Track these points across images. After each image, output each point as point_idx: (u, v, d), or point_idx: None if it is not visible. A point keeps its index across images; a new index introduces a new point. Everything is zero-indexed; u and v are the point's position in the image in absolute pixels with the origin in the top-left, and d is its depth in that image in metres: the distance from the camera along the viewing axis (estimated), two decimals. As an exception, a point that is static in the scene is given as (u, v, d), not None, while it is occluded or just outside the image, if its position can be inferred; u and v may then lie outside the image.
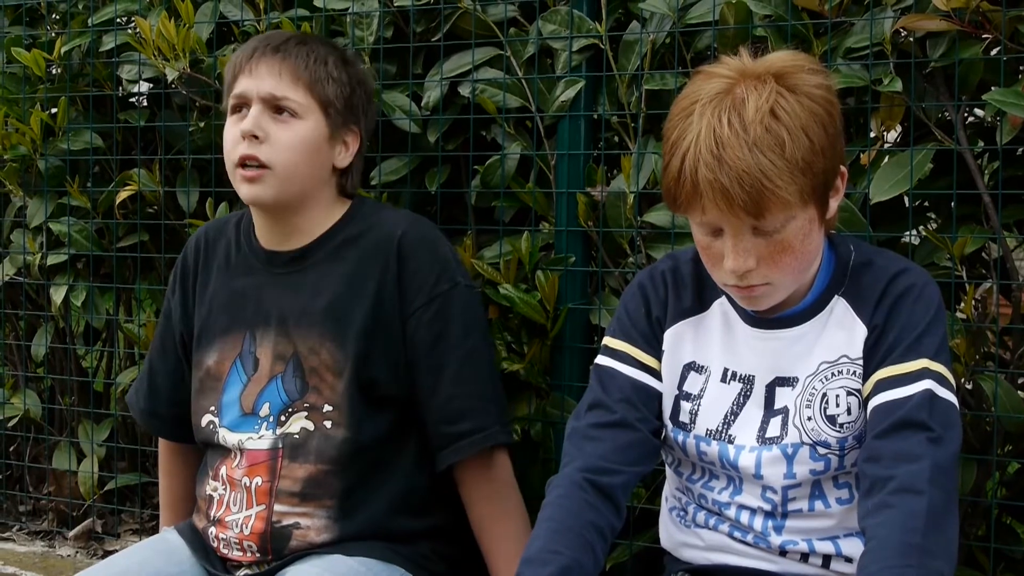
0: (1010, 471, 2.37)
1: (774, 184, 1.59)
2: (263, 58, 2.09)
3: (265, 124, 2.07)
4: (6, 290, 3.34)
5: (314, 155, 2.11)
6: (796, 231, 1.66)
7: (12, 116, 3.17)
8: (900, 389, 1.67)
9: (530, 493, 2.52)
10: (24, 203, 3.24)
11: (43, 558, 3.19)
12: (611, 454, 1.80)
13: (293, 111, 2.08)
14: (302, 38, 2.16)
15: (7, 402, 3.32)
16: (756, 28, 2.29)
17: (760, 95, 1.62)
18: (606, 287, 2.52)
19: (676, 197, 1.67)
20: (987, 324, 2.22)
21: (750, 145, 1.59)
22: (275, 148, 2.06)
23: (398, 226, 2.11)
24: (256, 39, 2.16)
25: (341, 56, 2.17)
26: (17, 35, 3.25)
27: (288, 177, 2.08)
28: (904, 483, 1.60)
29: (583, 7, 2.50)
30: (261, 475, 2.05)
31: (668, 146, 1.68)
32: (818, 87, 1.67)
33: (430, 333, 2.08)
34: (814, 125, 1.63)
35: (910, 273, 1.75)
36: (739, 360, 1.81)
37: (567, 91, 2.49)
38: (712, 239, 1.69)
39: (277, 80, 2.08)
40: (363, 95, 2.19)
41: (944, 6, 2.06)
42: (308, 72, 2.09)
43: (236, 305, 2.16)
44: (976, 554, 2.26)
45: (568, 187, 2.51)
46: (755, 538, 1.80)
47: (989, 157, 2.30)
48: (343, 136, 2.16)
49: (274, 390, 2.09)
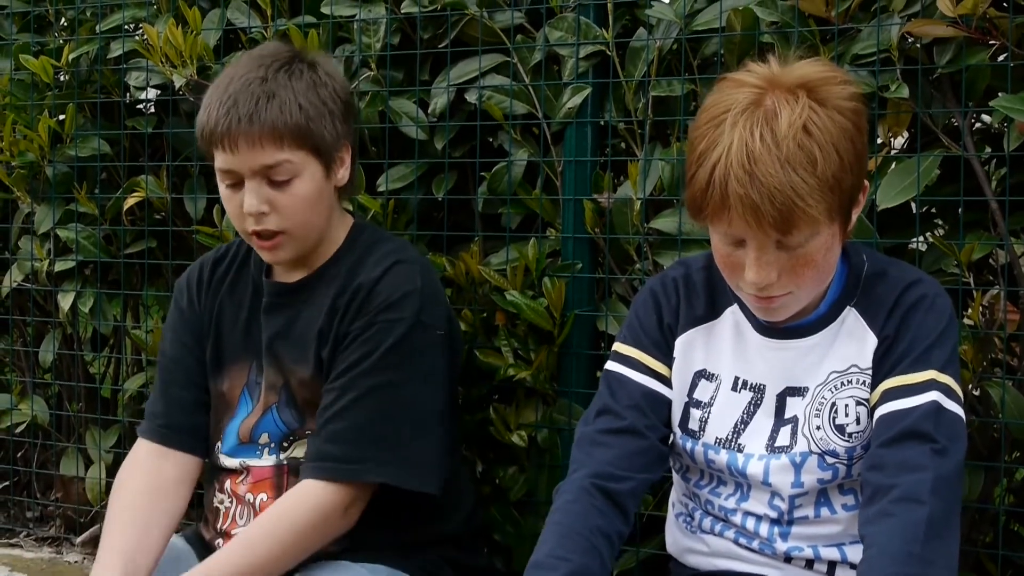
0: (1018, 477, 2.37)
1: (804, 202, 1.58)
2: (239, 131, 1.95)
3: (266, 195, 1.98)
4: (14, 296, 3.35)
5: (321, 201, 2.04)
6: (819, 246, 1.65)
7: (20, 123, 3.18)
8: (907, 399, 1.67)
9: (537, 499, 2.53)
10: (32, 210, 3.24)
11: (51, 564, 3.19)
12: (620, 460, 1.79)
13: (288, 172, 1.98)
14: (269, 89, 1.97)
15: (15, 408, 3.32)
16: (763, 35, 2.29)
17: (793, 110, 1.60)
18: (613, 294, 2.52)
19: (702, 207, 1.65)
20: (994, 331, 2.22)
21: (782, 161, 1.57)
22: (284, 215, 2.00)
23: (377, 267, 2.03)
24: (219, 100, 1.98)
25: (313, 80, 2.02)
26: (25, 42, 3.25)
27: (305, 235, 2.04)
28: (906, 492, 1.60)
29: (590, 14, 2.50)
30: (266, 491, 2.05)
31: (695, 155, 1.65)
32: (849, 98, 1.66)
33: (352, 355, 1.98)
34: (844, 141, 1.62)
35: (922, 284, 1.75)
36: (750, 369, 1.81)
37: (574, 98, 2.50)
38: (733, 249, 1.68)
39: (261, 151, 1.96)
40: (344, 106, 2.07)
41: (951, 12, 2.06)
42: (289, 127, 1.96)
43: (244, 334, 2.13)
44: (984, 561, 2.25)
45: (575, 194, 2.51)
46: (761, 544, 1.80)
47: (996, 163, 2.29)
48: (339, 160, 2.07)
49: (271, 420, 2.07)
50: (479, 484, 2.59)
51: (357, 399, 1.95)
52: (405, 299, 2.00)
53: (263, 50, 2.09)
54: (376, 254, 2.08)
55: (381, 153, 2.72)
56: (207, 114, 2.00)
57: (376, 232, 2.17)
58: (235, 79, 1.99)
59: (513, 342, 2.51)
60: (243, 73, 2.00)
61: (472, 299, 2.58)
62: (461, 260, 2.56)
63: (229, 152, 1.97)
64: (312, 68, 2.04)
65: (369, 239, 2.12)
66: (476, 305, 2.58)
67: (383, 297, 1.99)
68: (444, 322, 2.07)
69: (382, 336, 1.97)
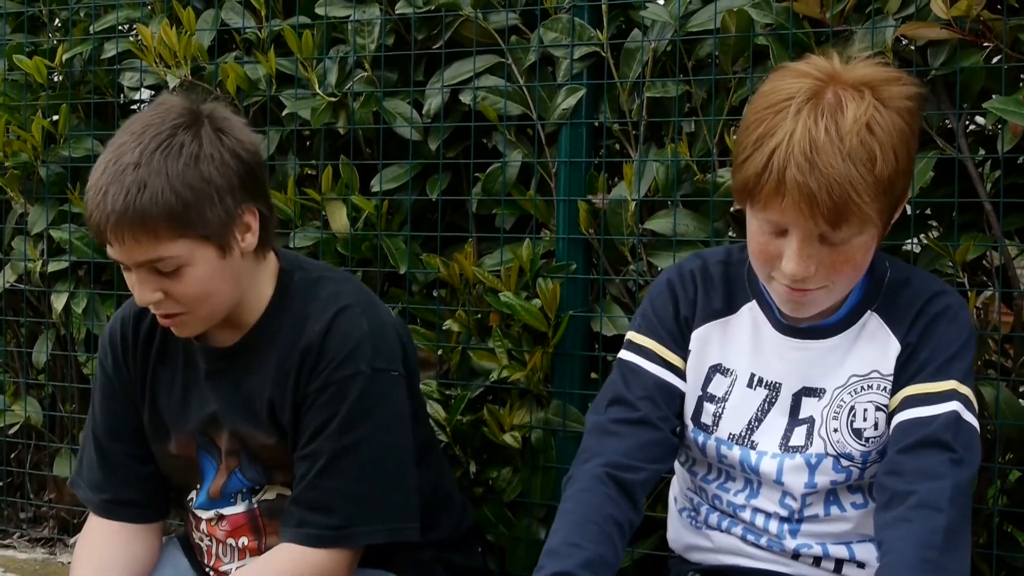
0: (1011, 479, 2.37)
1: (860, 199, 1.57)
2: (109, 227, 1.80)
3: (157, 285, 1.85)
4: (7, 297, 3.34)
5: (222, 279, 1.88)
6: (861, 245, 1.65)
7: (14, 123, 3.17)
8: (928, 407, 1.68)
9: (531, 500, 2.53)
10: (25, 210, 3.24)
11: (44, 565, 3.19)
12: (633, 451, 1.79)
13: (174, 263, 1.83)
14: (140, 178, 1.78)
15: (8, 409, 3.32)
16: (757, 36, 2.29)
17: (858, 106, 1.59)
18: (607, 295, 2.52)
19: (753, 192, 1.64)
20: (988, 332, 2.22)
21: (844, 155, 1.57)
22: (180, 299, 1.87)
23: (319, 321, 1.93)
24: (95, 186, 1.81)
25: (194, 154, 1.82)
26: (19, 42, 3.25)
27: (210, 312, 1.91)
28: (925, 499, 1.61)
29: (584, 15, 2.50)
30: (246, 535, 2.03)
31: (751, 139, 1.63)
32: (909, 98, 1.65)
33: (315, 419, 1.91)
34: (902, 144, 1.62)
35: (947, 295, 1.76)
36: (766, 366, 1.81)
37: (568, 99, 2.50)
38: (772, 238, 1.66)
39: (137, 246, 1.80)
40: (241, 171, 1.87)
41: (945, 15, 2.06)
42: (162, 221, 1.79)
43: (182, 402, 2.03)
44: (977, 562, 2.25)
45: (569, 195, 2.51)
46: (769, 541, 1.81)
47: (990, 165, 2.30)
48: (239, 230, 1.88)
49: (237, 481, 2.02)
50: (472, 485, 2.59)
51: (328, 464, 1.90)
52: (355, 351, 1.92)
53: (151, 116, 1.86)
54: (314, 303, 1.96)
55: (375, 154, 2.72)
56: (85, 199, 1.84)
57: (305, 271, 2.03)
58: (109, 164, 1.81)
59: (507, 343, 2.51)
60: (117, 156, 1.81)
61: (466, 300, 2.58)
62: (455, 261, 2.56)
63: (109, 244, 1.84)
64: (197, 137, 1.83)
65: (301, 284, 2.00)
66: (470, 306, 2.58)
67: (332, 354, 1.91)
68: (399, 357, 1.99)
69: (341, 396, 1.90)
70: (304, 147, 2.93)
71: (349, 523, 1.91)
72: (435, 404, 2.55)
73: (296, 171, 2.83)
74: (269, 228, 1.95)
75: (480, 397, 2.61)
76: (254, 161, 1.90)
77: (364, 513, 1.92)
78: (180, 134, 1.83)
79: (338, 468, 1.91)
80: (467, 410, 2.56)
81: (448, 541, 2.15)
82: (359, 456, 1.91)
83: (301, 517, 1.92)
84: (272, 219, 1.97)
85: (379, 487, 1.93)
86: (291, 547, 1.92)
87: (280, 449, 1.96)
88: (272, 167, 2.88)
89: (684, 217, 2.40)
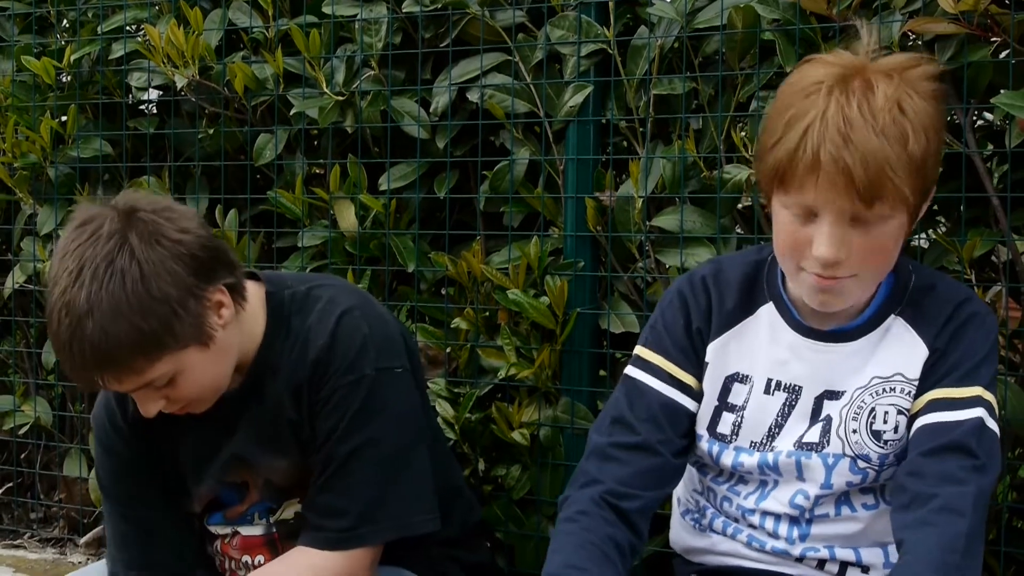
0: (1020, 474, 2.37)
1: (895, 174, 1.57)
2: (94, 376, 1.77)
3: (157, 396, 1.83)
4: (17, 298, 3.35)
5: (217, 362, 1.86)
6: (891, 232, 1.63)
7: (22, 124, 3.18)
8: (953, 412, 1.67)
9: (540, 498, 2.53)
10: (34, 211, 3.25)
11: (54, 565, 3.19)
12: (631, 479, 1.76)
13: (164, 379, 1.80)
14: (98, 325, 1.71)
15: (18, 410, 3.32)
16: (764, 32, 2.29)
17: (889, 86, 1.60)
18: (615, 292, 2.52)
19: (785, 173, 1.62)
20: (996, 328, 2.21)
21: (878, 131, 1.57)
22: (178, 400, 1.86)
23: (322, 333, 1.92)
24: (56, 339, 1.76)
25: (137, 276, 1.73)
26: (27, 43, 3.26)
27: (215, 390, 1.90)
28: (948, 503, 1.60)
29: (591, 12, 2.50)
30: (263, 555, 2.03)
31: (782, 122, 1.62)
32: (937, 91, 1.66)
33: (325, 425, 1.92)
34: (932, 128, 1.62)
35: (975, 302, 1.75)
36: (785, 370, 1.77)
37: (575, 96, 2.50)
38: (801, 225, 1.64)
39: (126, 383, 1.79)
40: (191, 268, 1.79)
41: (952, 9, 2.06)
42: (141, 353, 1.75)
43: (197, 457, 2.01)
44: (987, 558, 2.24)
45: (577, 192, 2.52)
46: (774, 547, 1.79)
47: (998, 160, 2.29)
48: (213, 316, 1.83)
49: (256, 508, 2.03)
50: (481, 483, 2.59)
51: (339, 467, 1.91)
52: (360, 356, 1.91)
53: (82, 247, 1.76)
54: (313, 316, 1.95)
55: (383, 152, 2.72)
56: (53, 347, 1.80)
57: (292, 288, 2.00)
58: (62, 316, 1.74)
59: (515, 340, 2.51)
60: (66, 305, 1.73)
61: (474, 298, 2.59)
62: (463, 259, 2.56)
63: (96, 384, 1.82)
64: (134, 257, 1.74)
65: (293, 303, 1.98)
66: (478, 304, 2.58)
67: (338, 362, 1.91)
68: (402, 352, 1.99)
69: (349, 400, 1.90)
70: (312, 146, 2.93)
71: (361, 523, 1.91)
72: (444, 402, 2.56)
73: (304, 170, 2.84)
74: (239, 285, 1.89)
75: (489, 395, 2.61)
76: (198, 247, 1.81)
77: (375, 512, 1.92)
78: (117, 260, 1.74)
79: (349, 470, 1.91)
80: (476, 408, 2.56)
81: (458, 537, 2.15)
82: (369, 456, 1.91)
83: (316, 521, 1.93)
84: (239, 276, 1.90)
85: (392, 485, 1.93)
86: (307, 550, 1.92)
87: (300, 469, 1.96)
88: (280, 166, 2.89)
89: (691, 214, 2.39)
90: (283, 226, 2.84)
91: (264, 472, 1.98)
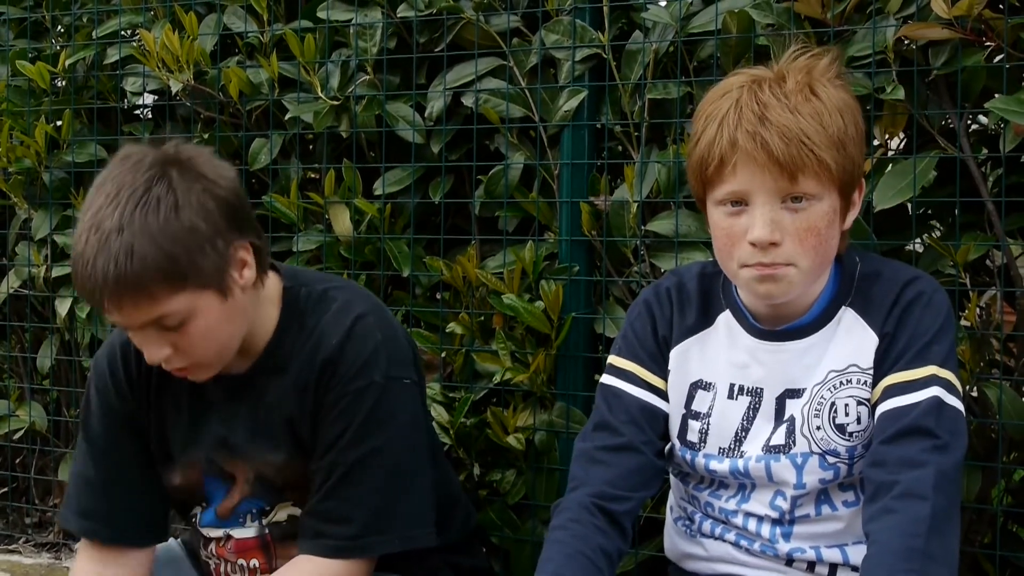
0: (1015, 478, 2.37)
1: (813, 143, 1.63)
2: (110, 297, 1.75)
3: (164, 341, 1.81)
4: (11, 302, 3.35)
5: (230, 320, 1.85)
6: (822, 214, 1.66)
7: (17, 129, 3.18)
8: (908, 395, 1.68)
9: (535, 502, 2.53)
10: (29, 215, 3.25)
11: (49, 570, 3.19)
12: (618, 480, 1.80)
13: (177, 318, 1.79)
14: (126, 242, 1.73)
15: (13, 415, 3.32)
16: (758, 37, 2.29)
17: (797, 76, 1.68)
18: (610, 296, 2.52)
19: (709, 165, 1.68)
20: (991, 331, 2.22)
21: (791, 109, 1.64)
22: (190, 350, 1.83)
23: (335, 334, 1.91)
24: (80, 257, 1.76)
25: (173, 205, 1.76)
26: (22, 48, 3.26)
27: (221, 357, 1.88)
28: (908, 488, 1.61)
29: (586, 17, 2.50)
30: (257, 558, 2.02)
31: (701, 122, 1.71)
32: (845, 88, 1.73)
33: (331, 431, 1.90)
34: (847, 112, 1.68)
35: (920, 281, 1.76)
36: (746, 374, 1.80)
37: (570, 101, 2.50)
38: (735, 218, 1.68)
39: (136, 310, 1.77)
40: (225, 211, 1.82)
41: (946, 14, 2.06)
42: (161, 279, 1.74)
43: (192, 428, 2.00)
44: (981, 562, 2.25)
45: (571, 196, 2.52)
46: (762, 546, 1.80)
47: (992, 165, 2.30)
48: (235, 269, 1.84)
49: (248, 504, 2.01)
50: (476, 487, 2.59)
51: (345, 475, 1.90)
52: (371, 362, 1.91)
53: (121, 173, 1.80)
54: (327, 316, 1.94)
55: (378, 157, 2.72)
56: (73, 269, 1.80)
57: (309, 285, 2.00)
58: (91, 232, 1.75)
59: (510, 345, 2.51)
60: (97, 222, 1.75)
61: (469, 302, 2.59)
62: (458, 263, 2.56)
63: (107, 312, 1.79)
64: (171, 187, 1.77)
65: (309, 300, 1.98)
66: (473, 308, 2.58)
67: (348, 366, 1.90)
68: (411, 363, 1.99)
69: (357, 406, 1.90)
70: (307, 151, 2.93)
71: (366, 532, 1.91)
72: (438, 407, 2.55)
73: (299, 175, 2.84)
74: (263, 255, 1.91)
75: (484, 399, 2.61)
76: (233, 195, 1.84)
77: (381, 522, 1.91)
78: (154, 188, 1.77)
79: (354, 478, 1.90)
80: (471, 412, 2.56)
81: (455, 543, 2.15)
82: (375, 466, 1.91)
83: (319, 528, 1.91)
84: (265, 245, 1.92)
85: (395, 495, 1.93)
86: (310, 559, 1.91)
87: (294, 467, 1.95)
88: (275, 171, 2.89)
89: (686, 218, 2.40)
90: (278, 231, 2.84)
91: (256, 466, 1.97)
